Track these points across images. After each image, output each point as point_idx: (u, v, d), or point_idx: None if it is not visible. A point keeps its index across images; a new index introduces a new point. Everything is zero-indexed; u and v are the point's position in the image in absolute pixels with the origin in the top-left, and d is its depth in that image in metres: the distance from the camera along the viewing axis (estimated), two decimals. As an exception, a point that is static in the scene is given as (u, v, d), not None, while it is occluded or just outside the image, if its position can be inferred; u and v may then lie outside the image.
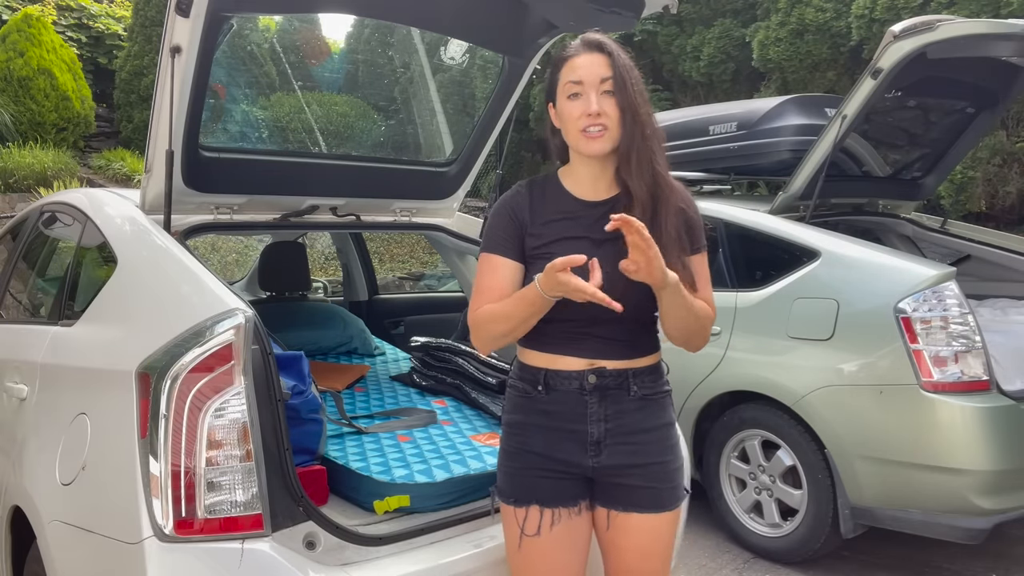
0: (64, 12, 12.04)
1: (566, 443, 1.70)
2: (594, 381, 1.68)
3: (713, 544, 3.62)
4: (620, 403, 1.70)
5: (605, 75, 1.63)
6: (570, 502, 1.72)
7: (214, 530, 1.64)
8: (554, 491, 1.71)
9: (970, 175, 6.36)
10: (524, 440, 1.73)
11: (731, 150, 4.34)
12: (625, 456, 1.70)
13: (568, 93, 1.66)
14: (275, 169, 2.55)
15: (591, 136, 1.64)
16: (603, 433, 1.69)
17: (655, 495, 1.72)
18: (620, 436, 1.70)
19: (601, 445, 1.69)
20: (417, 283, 9.19)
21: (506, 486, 1.76)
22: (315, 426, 2.18)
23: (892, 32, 3.30)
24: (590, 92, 1.63)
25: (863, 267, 3.26)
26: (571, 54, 1.68)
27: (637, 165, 1.65)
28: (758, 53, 7.68)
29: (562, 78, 1.67)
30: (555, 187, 1.77)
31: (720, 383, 3.59)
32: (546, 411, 1.71)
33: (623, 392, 1.69)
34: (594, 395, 1.68)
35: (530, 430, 1.73)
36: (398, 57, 2.94)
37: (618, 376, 1.69)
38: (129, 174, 9.87)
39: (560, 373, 1.69)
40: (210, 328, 1.69)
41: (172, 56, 1.97)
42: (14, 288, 3.21)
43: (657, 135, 1.68)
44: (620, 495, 1.72)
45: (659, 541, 1.75)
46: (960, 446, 2.93)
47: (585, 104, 1.63)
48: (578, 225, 1.71)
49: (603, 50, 1.65)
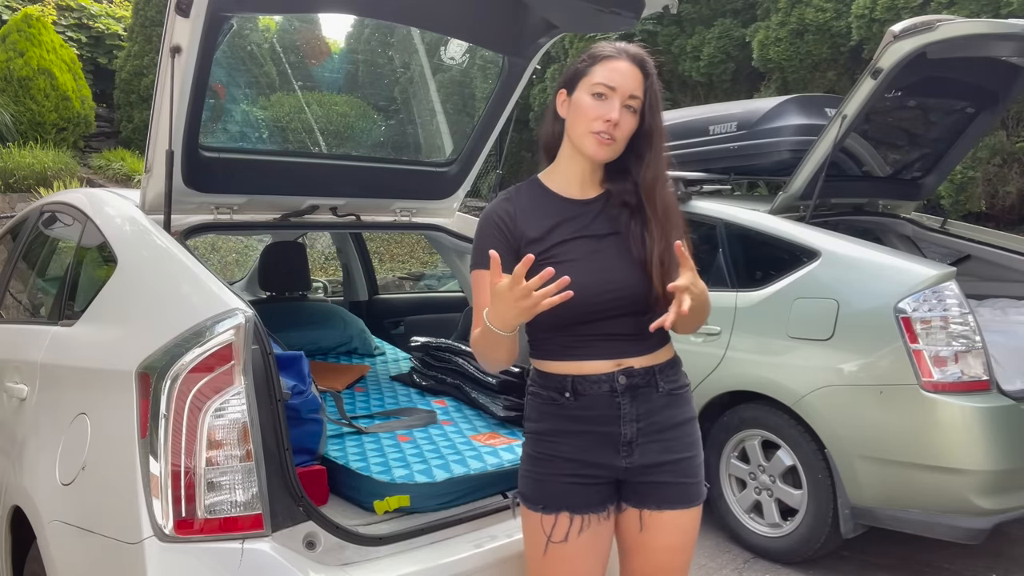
0: (64, 12, 12.05)
1: (598, 446, 1.68)
2: (625, 382, 1.67)
3: (713, 544, 3.62)
4: (650, 401, 1.69)
5: (636, 92, 1.64)
6: (599, 508, 1.71)
7: (214, 530, 1.64)
8: (584, 497, 1.70)
9: (970, 175, 6.36)
10: (554, 446, 1.70)
11: (731, 150, 4.34)
12: (656, 454, 1.70)
13: (594, 91, 1.64)
14: (275, 169, 2.55)
15: (603, 141, 1.64)
16: (635, 433, 1.68)
17: (684, 490, 1.72)
18: (651, 434, 1.69)
19: (633, 445, 1.68)
20: (417, 283, 9.19)
21: (533, 493, 1.72)
22: (315, 426, 2.18)
23: (892, 32, 3.30)
24: (615, 100, 1.63)
25: (863, 267, 3.26)
26: (612, 55, 1.66)
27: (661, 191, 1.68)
28: (758, 53, 7.68)
29: (593, 74, 1.65)
30: (540, 192, 1.75)
31: (720, 383, 3.59)
32: (576, 417, 1.68)
33: (652, 389, 1.69)
34: (625, 395, 1.67)
35: (560, 436, 1.70)
36: (398, 57, 2.94)
37: (646, 374, 1.69)
38: (129, 174, 9.88)
39: (588, 378, 1.67)
40: (210, 328, 1.69)
41: (172, 56, 1.97)
42: (14, 288, 3.21)
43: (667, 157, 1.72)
44: (652, 493, 1.71)
45: (688, 536, 1.75)
46: (960, 446, 2.93)
47: (608, 109, 1.62)
48: (577, 224, 1.70)
49: (643, 68, 1.66)
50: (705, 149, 4.42)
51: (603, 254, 1.67)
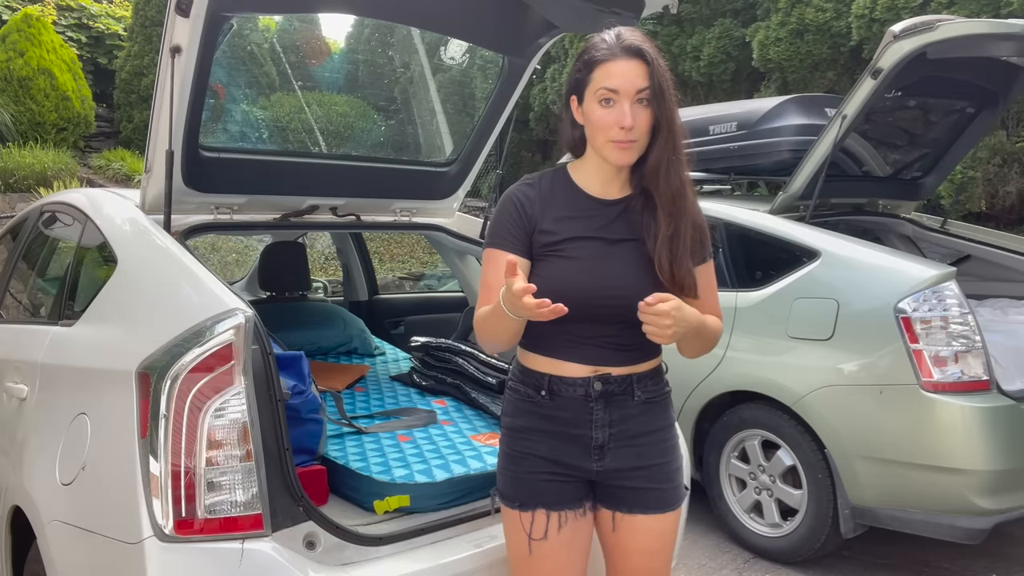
0: (64, 12, 12.05)
1: (570, 447, 1.69)
2: (600, 388, 1.67)
3: (713, 544, 3.62)
4: (624, 408, 1.69)
5: (642, 85, 1.57)
6: (575, 504, 1.72)
7: (214, 530, 1.64)
8: (559, 494, 1.71)
9: (970, 175, 6.36)
10: (527, 444, 1.71)
11: (731, 150, 4.34)
12: (628, 459, 1.70)
13: (600, 98, 1.59)
14: (275, 169, 2.55)
15: (623, 147, 1.60)
16: (607, 438, 1.68)
17: (658, 496, 1.73)
18: (623, 440, 1.69)
19: (604, 449, 1.69)
20: (417, 283, 9.19)
21: (510, 490, 1.74)
22: (315, 426, 2.18)
23: (892, 32, 3.30)
24: (624, 102, 1.57)
25: (863, 267, 3.26)
26: (607, 57, 1.59)
27: (666, 177, 1.62)
28: (758, 53, 7.68)
29: (595, 81, 1.60)
30: (566, 182, 1.72)
31: (720, 383, 3.59)
32: (550, 416, 1.69)
33: (627, 397, 1.69)
34: (599, 402, 1.67)
35: (534, 435, 1.71)
36: (398, 57, 2.94)
37: (623, 382, 1.68)
38: (129, 174, 9.88)
39: (565, 380, 1.68)
40: (210, 328, 1.69)
41: (172, 56, 1.97)
42: (14, 288, 3.21)
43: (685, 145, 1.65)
44: (624, 497, 1.72)
45: (663, 540, 1.75)
46: (960, 446, 2.93)
47: (619, 115, 1.57)
48: (592, 224, 1.67)
49: (642, 57, 1.58)
50: (705, 149, 4.42)
51: (611, 259, 1.65)
